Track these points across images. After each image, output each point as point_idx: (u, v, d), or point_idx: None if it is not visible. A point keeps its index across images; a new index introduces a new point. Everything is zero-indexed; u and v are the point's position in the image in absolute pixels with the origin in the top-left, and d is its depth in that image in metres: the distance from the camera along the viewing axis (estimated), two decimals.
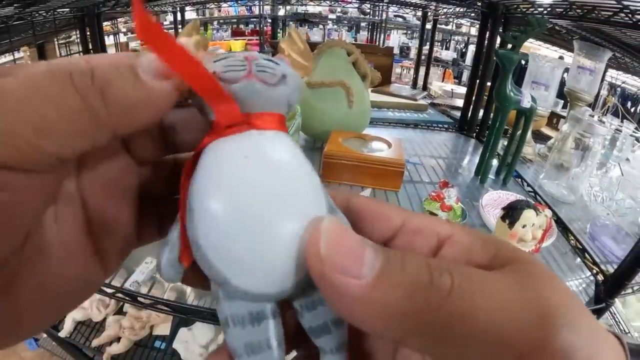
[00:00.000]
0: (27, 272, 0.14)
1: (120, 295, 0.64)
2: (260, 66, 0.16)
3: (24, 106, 0.12)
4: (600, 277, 0.74)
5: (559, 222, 0.89)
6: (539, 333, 0.13)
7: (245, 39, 3.46)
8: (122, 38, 2.77)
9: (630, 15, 0.69)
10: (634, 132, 1.38)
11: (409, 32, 4.19)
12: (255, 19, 3.43)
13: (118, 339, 1.06)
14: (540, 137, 1.51)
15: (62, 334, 1.04)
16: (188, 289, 0.70)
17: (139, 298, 0.64)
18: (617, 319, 1.34)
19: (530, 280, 0.14)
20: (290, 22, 3.29)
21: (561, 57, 1.72)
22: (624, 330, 1.31)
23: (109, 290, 0.64)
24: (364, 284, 0.13)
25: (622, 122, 1.50)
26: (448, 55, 3.55)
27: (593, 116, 1.05)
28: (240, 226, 0.14)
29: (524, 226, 0.56)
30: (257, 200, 0.14)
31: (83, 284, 0.17)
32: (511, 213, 0.56)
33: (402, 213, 0.18)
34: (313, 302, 0.16)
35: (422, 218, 0.18)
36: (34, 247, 0.14)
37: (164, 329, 1.11)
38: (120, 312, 1.11)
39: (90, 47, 1.16)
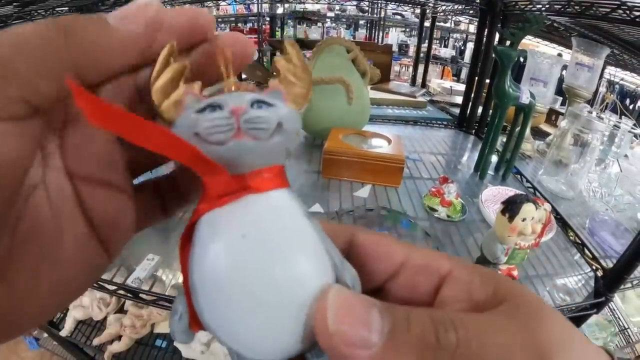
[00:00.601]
0: (21, 255, 0.14)
1: (122, 292, 0.65)
2: (250, 122, 0.14)
3: None
4: (599, 272, 0.74)
5: (558, 217, 0.89)
6: None
7: None
8: None
9: (628, 12, 0.69)
10: (632, 128, 1.38)
11: (407, 29, 4.19)
12: (253, 17, 3.42)
13: (119, 338, 1.06)
14: (539, 134, 1.51)
15: (63, 333, 1.04)
16: None
17: (141, 295, 0.64)
18: (617, 315, 1.35)
19: (528, 317, 0.15)
20: (289, 28, 3.29)
21: (560, 55, 1.72)
22: (624, 326, 1.32)
23: (111, 287, 0.64)
24: (373, 354, 0.13)
25: (620, 118, 1.51)
26: (447, 52, 3.55)
27: (591, 113, 1.05)
28: (244, 308, 0.14)
29: (523, 220, 0.56)
30: (259, 283, 0.14)
31: (83, 268, 0.16)
32: (511, 207, 0.56)
33: (404, 249, 0.19)
34: (320, 351, 0.16)
35: (422, 255, 0.19)
36: (27, 227, 0.14)
37: (165, 326, 1.11)
38: (121, 310, 1.11)
39: None
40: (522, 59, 1.55)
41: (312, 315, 0.14)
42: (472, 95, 1.38)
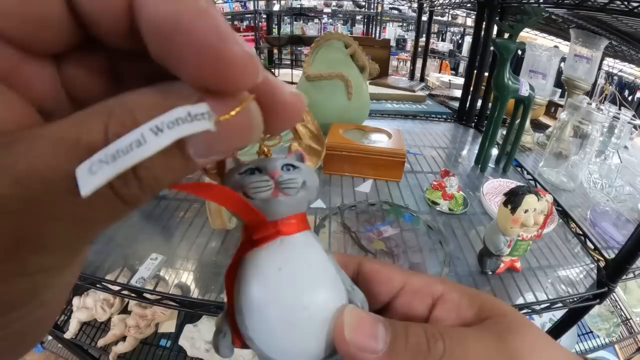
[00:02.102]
0: None
1: (126, 292, 0.65)
2: (284, 183, 0.18)
3: None
4: (601, 263, 0.74)
5: (559, 209, 0.90)
6: None
7: (240, 35, 3.44)
8: None
9: (626, 3, 0.69)
10: (631, 119, 1.38)
11: (404, 24, 4.18)
12: (250, 15, 3.41)
13: (124, 338, 1.07)
14: (538, 126, 1.51)
15: (68, 335, 1.04)
16: (193, 287, 0.70)
17: (145, 294, 0.64)
18: (619, 306, 1.35)
19: (505, 332, 0.18)
20: (286, 25, 3.27)
21: (556, 47, 1.72)
22: (627, 317, 1.33)
23: (115, 288, 0.64)
24: (381, 357, 0.17)
25: (619, 109, 1.51)
26: (444, 46, 3.55)
27: (591, 104, 1.05)
28: (283, 326, 0.18)
29: (525, 211, 0.56)
30: (293, 305, 0.18)
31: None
32: (513, 198, 0.57)
33: (402, 276, 0.22)
34: (338, 358, 0.20)
35: (419, 279, 0.22)
36: None
37: (169, 326, 1.12)
38: (125, 311, 1.12)
39: None
40: (520, 52, 1.55)
41: (332, 329, 0.18)
42: (471, 88, 1.38)
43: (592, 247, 0.78)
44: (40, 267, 0.12)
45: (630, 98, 2.46)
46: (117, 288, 0.64)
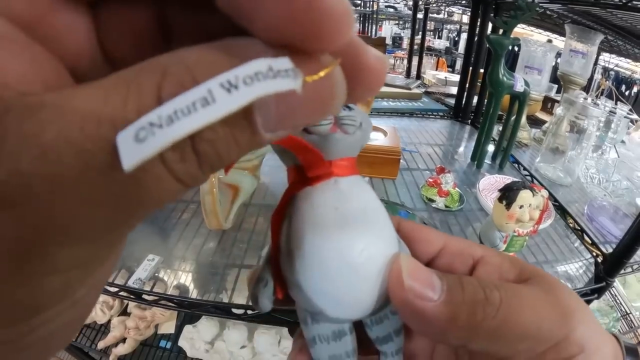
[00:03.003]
0: None
1: (123, 293, 0.65)
2: (344, 119, 0.18)
3: None
4: (599, 257, 0.74)
5: (556, 204, 0.90)
6: (563, 329, 0.18)
7: None
8: None
9: None
10: (628, 114, 1.39)
11: (400, 22, 4.17)
12: None
13: (124, 340, 1.07)
14: (535, 122, 1.51)
15: None
16: (191, 287, 0.70)
17: (143, 295, 0.64)
18: (618, 300, 1.35)
19: (551, 289, 0.19)
20: None
21: (549, 41, 1.72)
22: (626, 311, 1.33)
23: (113, 289, 0.64)
24: (438, 305, 0.17)
25: (616, 104, 1.51)
26: (441, 44, 3.54)
27: (587, 99, 1.05)
28: (338, 270, 0.17)
29: (521, 207, 0.56)
30: (350, 248, 0.17)
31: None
32: (508, 194, 0.57)
33: (442, 237, 0.22)
34: (380, 317, 0.20)
35: (459, 242, 0.22)
36: None
37: (168, 327, 1.12)
38: (124, 313, 1.12)
39: None
40: (516, 48, 1.54)
41: (387, 276, 0.17)
42: (467, 85, 1.38)
43: (590, 242, 0.78)
44: (74, 263, 0.10)
45: (626, 93, 2.47)
46: (115, 289, 0.64)
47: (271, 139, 0.10)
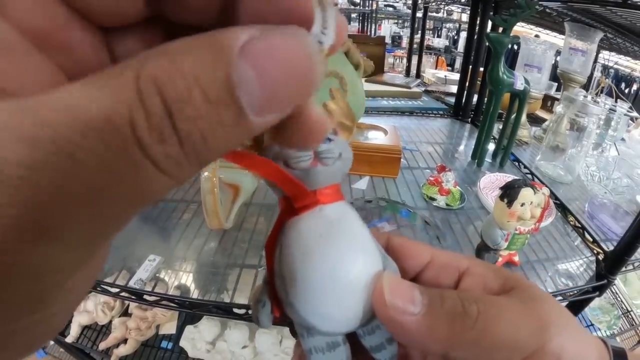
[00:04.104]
0: None
1: (125, 294, 0.65)
2: (322, 153, 0.19)
3: None
4: (600, 255, 0.74)
5: (557, 202, 0.90)
6: (539, 339, 0.18)
7: None
8: None
9: None
10: (628, 111, 1.39)
11: (399, 21, 4.18)
12: None
13: (125, 341, 1.07)
14: (535, 120, 1.51)
15: (69, 339, 1.04)
16: (192, 287, 0.70)
17: (144, 296, 0.64)
18: (619, 298, 1.36)
19: (531, 300, 0.19)
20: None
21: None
22: (627, 309, 1.33)
23: (114, 290, 0.64)
24: (418, 318, 0.18)
25: (616, 102, 1.51)
26: (440, 42, 3.55)
27: (587, 97, 1.05)
28: (325, 291, 0.19)
29: (522, 204, 0.56)
30: (335, 270, 0.19)
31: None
32: (509, 192, 0.56)
33: (429, 251, 0.23)
34: (372, 328, 0.21)
35: (445, 255, 0.23)
36: None
37: (169, 327, 1.12)
38: (125, 313, 1.12)
39: None
40: (515, 46, 1.54)
41: (371, 295, 0.19)
42: (467, 83, 1.38)
43: (591, 239, 0.78)
44: (51, 266, 0.09)
45: (626, 90, 2.47)
46: (116, 290, 0.64)
47: (261, 125, 0.10)
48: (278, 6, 0.11)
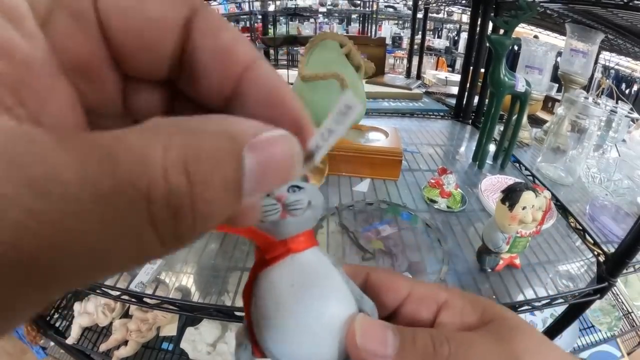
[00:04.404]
0: None
1: (125, 297, 0.65)
2: (291, 205, 0.20)
3: None
4: (601, 257, 0.74)
5: (558, 204, 0.89)
6: None
7: None
8: None
9: None
10: (629, 113, 1.38)
11: (400, 22, 4.18)
12: (245, 16, 3.41)
13: (126, 343, 1.06)
14: (536, 121, 1.51)
15: (70, 341, 1.04)
16: (193, 290, 0.70)
17: (145, 299, 0.64)
18: (620, 299, 1.35)
19: (507, 333, 0.19)
20: (282, 25, 3.27)
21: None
22: (628, 310, 1.33)
23: (114, 293, 0.64)
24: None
25: (617, 103, 1.51)
26: (440, 43, 3.54)
27: (588, 98, 1.05)
28: (299, 337, 0.19)
29: (523, 208, 0.56)
30: (307, 317, 0.19)
31: None
32: (510, 195, 0.56)
33: (409, 284, 0.23)
34: None
35: (424, 288, 0.23)
36: None
37: (170, 329, 1.12)
38: (126, 315, 1.11)
39: None
40: (516, 47, 1.54)
41: (344, 337, 0.19)
42: (468, 85, 1.38)
43: (592, 241, 0.78)
44: (22, 304, 0.09)
45: (627, 91, 2.46)
46: (116, 293, 0.64)
47: (246, 203, 0.12)
48: (277, 112, 0.14)
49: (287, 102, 0.15)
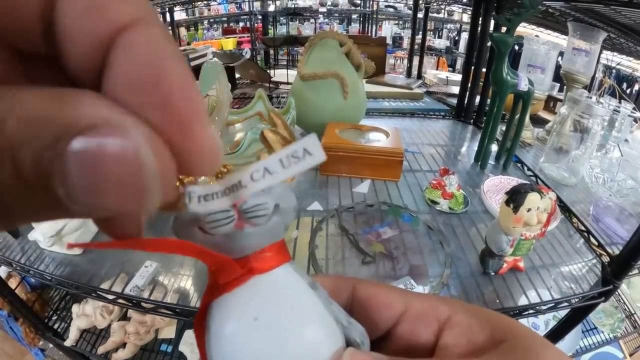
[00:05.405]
0: None
1: (121, 301, 0.63)
2: (249, 210, 0.15)
3: None
4: (605, 259, 0.73)
5: (561, 204, 0.88)
6: None
7: (236, 37, 3.44)
8: None
9: None
10: (632, 112, 1.37)
11: (400, 22, 4.17)
12: (245, 16, 3.40)
13: (124, 345, 1.06)
14: (537, 121, 1.50)
15: (68, 343, 1.03)
16: (191, 292, 0.69)
17: (141, 303, 0.63)
18: (623, 301, 1.34)
19: (523, 355, 0.16)
20: (282, 26, 3.26)
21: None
22: (631, 312, 1.32)
23: (110, 297, 0.63)
24: None
25: (619, 102, 1.49)
26: (441, 43, 3.53)
27: (590, 98, 1.04)
28: None
29: (528, 210, 0.55)
30: (274, 357, 0.15)
31: None
32: (515, 197, 0.55)
33: (403, 298, 0.20)
34: None
35: (422, 302, 0.20)
36: None
37: (169, 332, 1.11)
38: (124, 317, 1.11)
39: None
40: (517, 47, 1.53)
41: None
42: (469, 84, 1.37)
43: (596, 243, 0.77)
44: None
45: (628, 91, 2.45)
46: (112, 297, 0.63)
47: (82, 211, 0.10)
48: (149, 98, 0.10)
49: (165, 86, 0.10)
